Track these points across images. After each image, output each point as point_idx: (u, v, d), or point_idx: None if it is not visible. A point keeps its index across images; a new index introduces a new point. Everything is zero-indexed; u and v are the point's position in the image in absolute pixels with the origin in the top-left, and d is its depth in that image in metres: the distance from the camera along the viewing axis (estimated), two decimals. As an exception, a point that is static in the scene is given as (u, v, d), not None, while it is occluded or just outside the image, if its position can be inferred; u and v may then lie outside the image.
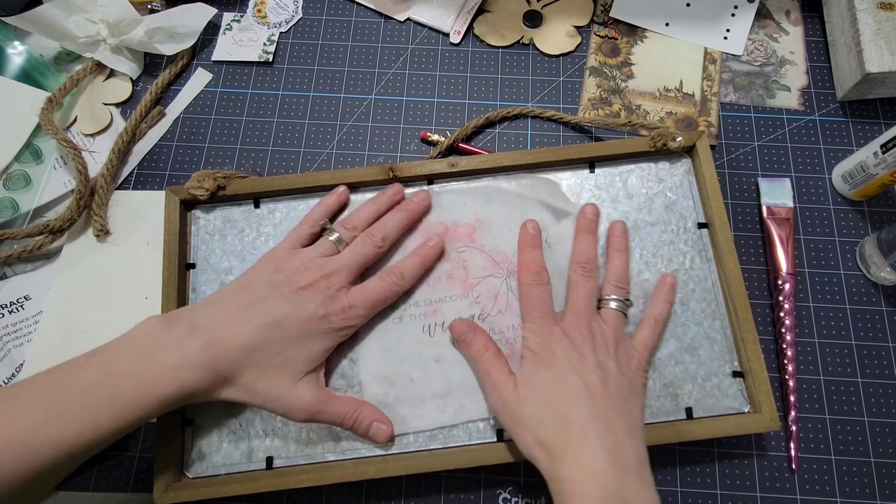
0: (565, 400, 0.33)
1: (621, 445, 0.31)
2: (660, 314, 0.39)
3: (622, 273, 0.40)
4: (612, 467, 0.30)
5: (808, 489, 0.40)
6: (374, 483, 0.41)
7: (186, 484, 0.37)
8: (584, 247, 0.40)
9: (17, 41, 0.53)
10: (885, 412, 0.42)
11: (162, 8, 0.54)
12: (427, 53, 0.53)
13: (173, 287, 0.41)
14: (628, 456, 0.31)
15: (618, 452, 0.31)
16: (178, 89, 0.52)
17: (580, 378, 0.33)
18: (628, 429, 0.32)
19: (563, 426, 0.32)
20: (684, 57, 0.52)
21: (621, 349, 0.36)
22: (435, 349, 0.40)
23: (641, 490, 0.30)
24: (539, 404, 0.33)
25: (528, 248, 0.40)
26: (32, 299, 0.46)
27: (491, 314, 0.40)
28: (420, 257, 0.40)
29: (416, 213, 0.42)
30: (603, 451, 0.30)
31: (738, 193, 0.48)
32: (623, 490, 0.30)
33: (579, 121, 0.49)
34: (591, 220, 0.42)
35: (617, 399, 0.33)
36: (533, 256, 0.40)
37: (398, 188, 0.42)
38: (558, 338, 0.36)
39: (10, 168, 0.48)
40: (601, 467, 0.30)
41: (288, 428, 0.39)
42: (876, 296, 0.45)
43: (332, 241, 0.39)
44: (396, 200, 0.42)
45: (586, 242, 0.40)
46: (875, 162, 0.43)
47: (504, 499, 0.41)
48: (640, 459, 0.31)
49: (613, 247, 0.41)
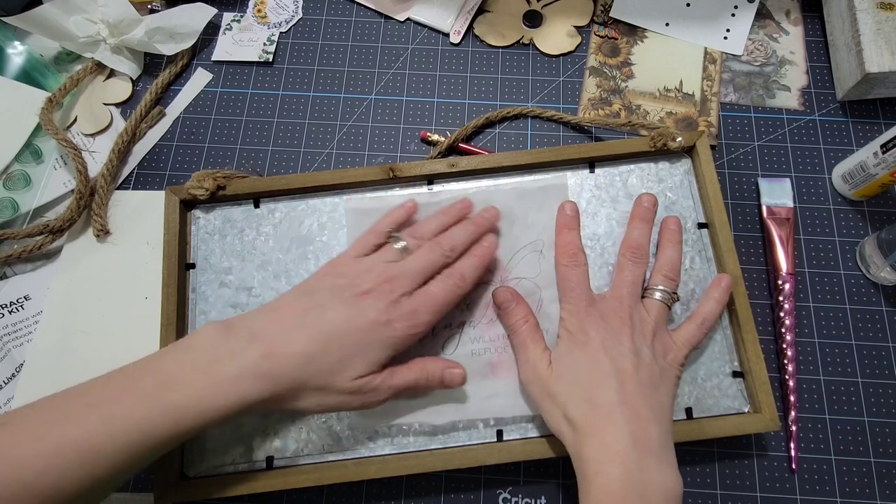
0: (596, 382, 0.33)
1: (646, 429, 0.32)
2: (709, 313, 0.38)
3: (674, 264, 0.39)
4: (635, 449, 0.31)
5: (808, 489, 0.40)
6: (374, 483, 0.41)
7: (186, 484, 0.37)
8: (636, 233, 0.40)
9: (17, 41, 0.53)
10: (885, 412, 0.42)
11: (162, 8, 0.54)
12: (427, 53, 0.53)
13: (173, 287, 0.41)
14: (651, 439, 0.31)
15: (641, 436, 0.31)
16: (178, 89, 0.52)
17: (612, 362, 0.34)
18: (655, 415, 0.33)
19: (591, 407, 0.33)
20: (684, 57, 0.52)
21: (658, 340, 0.36)
22: None
23: (662, 471, 0.31)
24: (570, 382, 0.34)
25: (566, 229, 0.40)
26: (32, 299, 0.46)
27: (482, 322, 0.40)
28: (479, 257, 0.38)
29: (485, 227, 0.40)
30: (627, 434, 0.31)
31: (738, 193, 0.48)
32: (644, 472, 0.30)
33: (579, 121, 0.49)
34: (648, 209, 0.41)
35: (648, 386, 0.34)
36: (570, 238, 0.40)
37: (468, 202, 0.41)
38: (594, 320, 0.36)
39: (10, 168, 0.48)
40: (623, 449, 0.31)
41: (288, 428, 0.39)
42: (876, 296, 0.45)
43: (397, 249, 0.37)
44: (465, 214, 0.41)
45: (640, 229, 0.40)
46: (875, 162, 0.43)
47: (504, 499, 0.41)
48: (663, 443, 0.32)
49: (667, 238, 0.40)
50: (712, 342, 0.40)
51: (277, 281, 0.42)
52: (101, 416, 0.30)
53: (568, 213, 0.41)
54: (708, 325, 0.38)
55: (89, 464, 0.29)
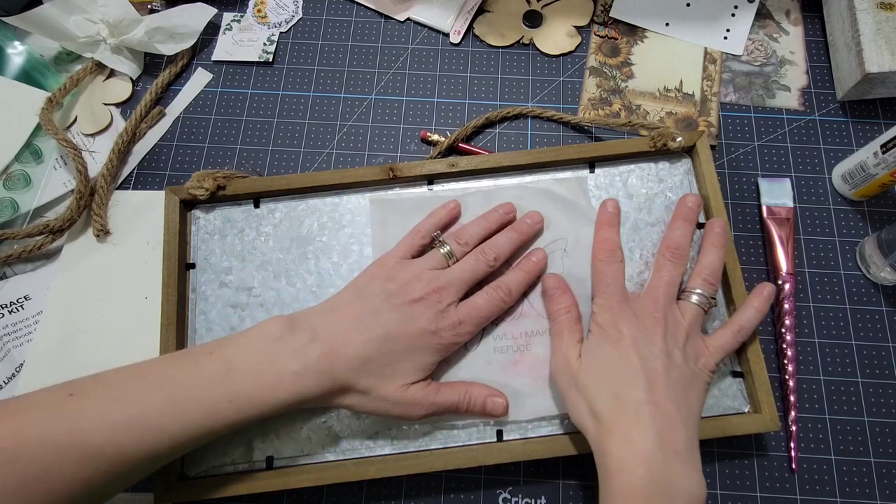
0: (625, 379, 0.33)
1: (673, 431, 0.32)
2: (747, 322, 0.38)
3: (715, 269, 0.38)
4: (661, 450, 0.31)
5: (808, 489, 0.40)
6: (374, 483, 0.41)
7: (186, 484, 0.37)
8: (678, 233, 0.39)
9: (17, 41, 0.53)
10: (885, 412, 0.42)
11: (162, 8, 0.54)
12: (427, 53, 0.53)
13: (173, 287, 0.41)
14: (679, 441, 0.31)
15: (668, 437, 0.31)
16: (178, 89, 0.52)
17: (643, 361, 0.34)
18: (683, 417, 0.32)
19: (618, 403, 0.33)
20: (684, 57, 0.52)
21: (691, 344, 0.36)
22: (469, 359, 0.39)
23: (688, 475, 0.31)
24: (598, 376, 0.34)
25: (605, 225, 0.40)
26: (32, 299, 0.46)
27: (506, 319, 0.40)
28: (526, 273, 0.39)
29: (529, 234, 0.41)
30: (654, 434, 0.31)
31: (738, 193, 0.48)
32: (669, 474, 0.30)
33: (579, 121, 0.49)
34: (692, 209, 0.41)
35: (678, 388, 0.33)
36: (609, 234, 0.40)
37: (510, 207, 0.41)
38: (627, 317, 0.36)
39: (10, 168, 0.48)
40: (650, 449, 0.30)
41: (288, 428, 0.39)
42: (876, 296, 0.45)
43: (442, 254, 0.38)
44: (508, 220, 0.41)
45: (682, 229, 0.40)
46: (875, 162, 0.43)
47: (504, 499, 0.41)
48: (689, 446, 0.32)
49: (710, 242, 0.40)
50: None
51: (277, 281, 0.42)
52: (168, 397, 0.31)
53: (609, 210, 0.41)
54: (745, 333, 0.38)
55: (152, 441, 0.31)
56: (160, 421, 0.31)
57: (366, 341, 0.35)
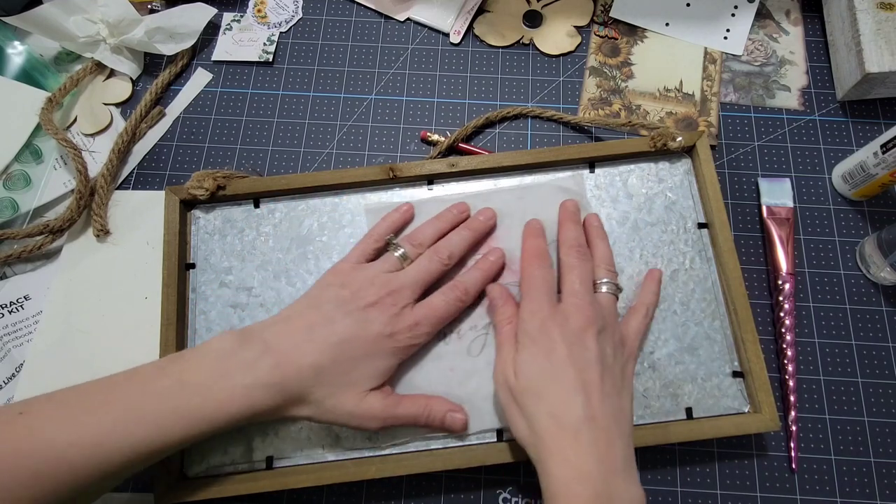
0: (562, 398, 0.33)
1: (611, 446, 0.32)
2: (651, 304, 0.40)
3: (609, 258, 0.40)
4: (601, 467, 0.31)
5: (808, 489, 0.40)
6: (374, 483, 0.41)
7: (186, 484, 0.37)
8: (573, 234, 0.40)
9: (17, 41, 0.53)
10: (885, 412, 0.42)
11: (162, 8, 0.54)
12: (427, 53, 0.53)
13: (173, 287, 0.41)
14: (617, 456, 0.31)
15: (607, 453, 0.31)
16: (178, 89, 0.52)
17: (578, 374, 0.33)
18: (619, 427, 0.33)
19: (556, 424, 0.32)
20: (684, 57, 0.52)
21: (617, 332, 0.37)
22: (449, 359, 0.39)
23: (628, 489, 0.31)
24: (534, 395, 0.34)
25: (531, 236, 0.40)
26: (32, 299, 0.46)
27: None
28: (482, 272, 0.39)
29: (482, 231, 0.41)
30: (593, 454, 0.31)
31: (738, 193, 0.48)
32: (610, 490, 0.30)
33: (579, 121, 0.49)
34: (575, 212, 0.42)
35: (612, 396, 0.33)
36: (536, 243, 0.40)
37: (464, 206, 0.42)
38: (558, 322, 0.35)
39: (10, 168, 0.48)
40: (590, 468, 0.30)
41: (288, 428, 0.39)
42: (876, 296, 0.45)
43: (397, 257, 0.38)
44: (462, 219, 0.41)
45: (574, 230, 0.40)
46: (875, 162, 0.43)
47: (504, 499, 0.41)
48: (627, 458, 0.32)
49: (594, 235, 0.41)
50: (712, 342, 0.40)
51: (277, 281, 0.42)
52: (118, 414, 0.31)
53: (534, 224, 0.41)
54: (651, 315, 0.40)
55: (101, 459, 0.30)
56: (109, 438, 0.30)
57: (320, 351, 0.34)
